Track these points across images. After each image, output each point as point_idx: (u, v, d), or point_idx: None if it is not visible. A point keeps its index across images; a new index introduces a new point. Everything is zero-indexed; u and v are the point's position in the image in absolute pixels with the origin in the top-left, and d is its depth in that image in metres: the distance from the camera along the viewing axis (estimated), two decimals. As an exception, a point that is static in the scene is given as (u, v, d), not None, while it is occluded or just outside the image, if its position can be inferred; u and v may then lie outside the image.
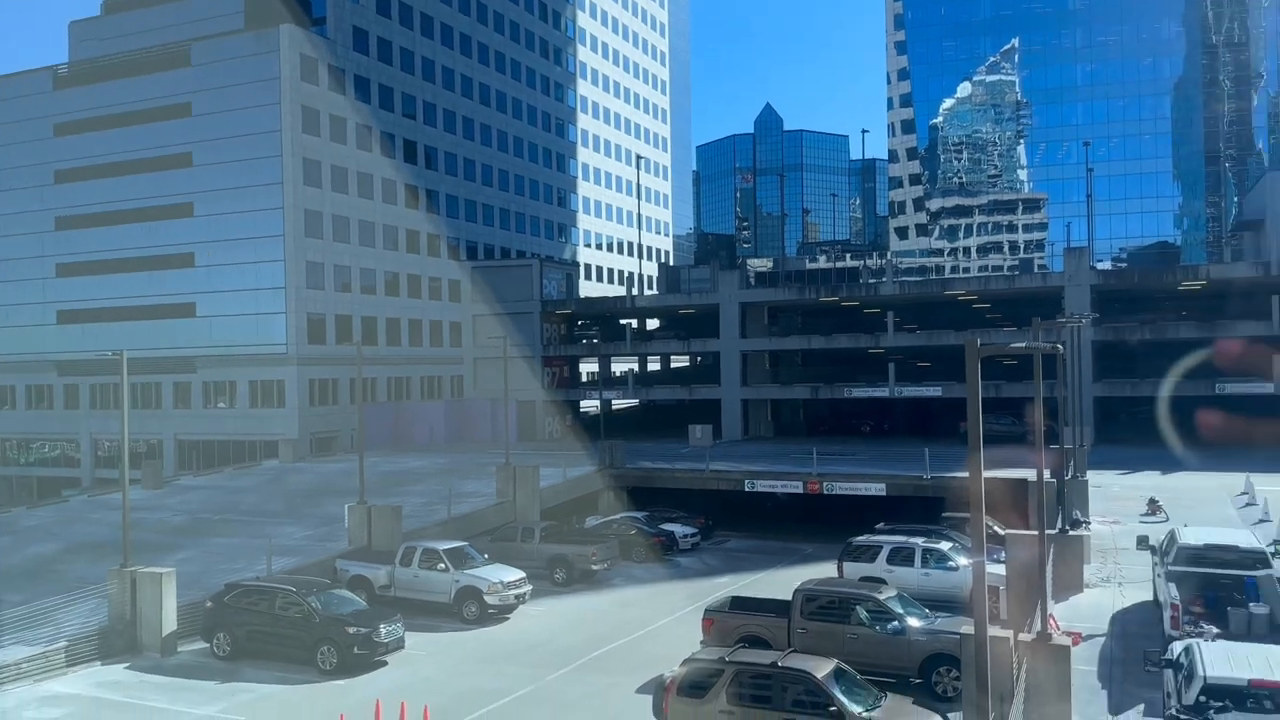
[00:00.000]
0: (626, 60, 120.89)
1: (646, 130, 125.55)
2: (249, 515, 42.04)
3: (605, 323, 79.50)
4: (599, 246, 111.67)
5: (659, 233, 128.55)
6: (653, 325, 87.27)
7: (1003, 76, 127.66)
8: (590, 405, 76.58)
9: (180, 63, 69.26)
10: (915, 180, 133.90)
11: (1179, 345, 55.59)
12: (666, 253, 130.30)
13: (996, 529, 32.23)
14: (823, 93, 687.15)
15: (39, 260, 74.73)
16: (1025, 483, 37.48)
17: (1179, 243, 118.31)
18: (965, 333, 53.48)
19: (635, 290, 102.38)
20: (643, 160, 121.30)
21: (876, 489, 42.66)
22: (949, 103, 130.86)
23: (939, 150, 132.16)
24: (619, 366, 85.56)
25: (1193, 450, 49.18)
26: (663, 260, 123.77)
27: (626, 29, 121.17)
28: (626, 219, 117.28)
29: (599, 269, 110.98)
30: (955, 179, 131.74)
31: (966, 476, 14.20)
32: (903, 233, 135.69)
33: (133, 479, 36.46)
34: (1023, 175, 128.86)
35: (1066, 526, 29.00)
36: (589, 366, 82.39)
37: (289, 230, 66.09)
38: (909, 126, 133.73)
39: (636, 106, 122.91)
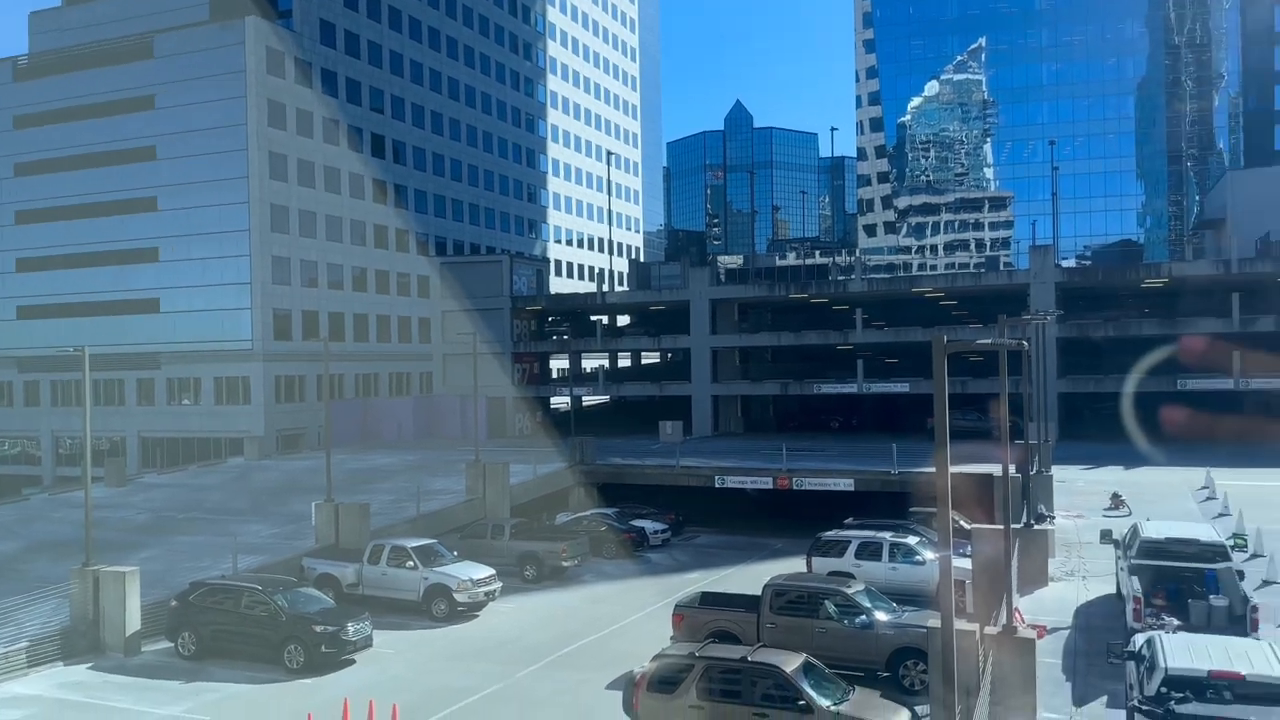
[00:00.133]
0: (597, 56, 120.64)
1: (617, 126, 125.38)
2: (214, 513, 41.58)
3: (576, 319, 79.40)
4: (569, 242, 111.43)
5: (630, 229, 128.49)
6: (623, 322, 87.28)
7: (970, 75, 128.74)
8: (561, 402, 76.43)
9: (143, 55, 68.27)
10: (883, 178, 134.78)
11: (1142, 342, 56.41)
12: (637, 249, 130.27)
13: (962, 524, 32.54)
14: (792, 90, 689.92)
15: (-2, 254, 73.57)
16: (991, 478, 37.80)
17: (1142, 241, 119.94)
18: (932, 329, 53.86)
19: (606, 287, 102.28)
20: (613, 156, 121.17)
21: (845, 484, 43.04)
22: (917, 101, 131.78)
23: (907, 148, 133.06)
24: (589, 363, 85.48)
25: (1155, 445, 49.93)
26: (633, 257, 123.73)
27: (596, 24, 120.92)
28: (597, 215, 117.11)
29: (569, 265, 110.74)
30: (923, 177, 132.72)
31: (933, 472, 14.31)
32: (871, 230, 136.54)
33: (95, 477, 35.95)
34: (989, 174, 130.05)
35: (1031, 521, 29.34)
36: (559, 363, 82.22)
37: (254, 225, 65.38)
38: (877, 124, 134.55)
39: (607, 102, 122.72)
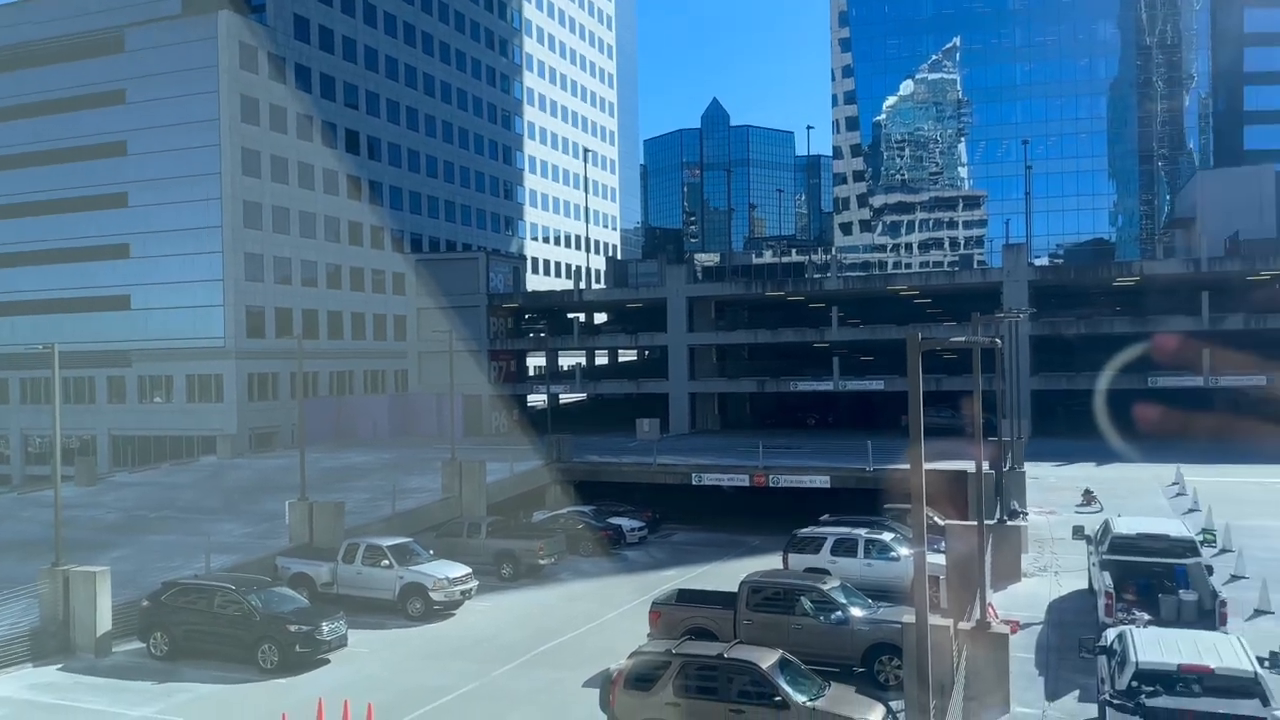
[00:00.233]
0: (573, 53, 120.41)
1: (594, 123, 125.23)
2: (186, 512, 41.16)
3: (552, 316, 79.19)
4: (546, 240, 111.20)
5: (606, 227, 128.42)
6: (600, 319, 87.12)
7: (944, 75, 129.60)
8: (537, 399, 76.25)
9: (114, 49, 67.48)
10: (859, 177, 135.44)
11: (1113, 340, 56.97)
12: (614, 247, 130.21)
13: (936, 520, 32.79)
14: (769, 88, 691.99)
15: (-35, 251, 72.44)
16: (964, 474, 37.93)
17: (1114, 240, 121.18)
18: (907, 327, 54.20)
19: (583, 284, 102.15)
20: (590, 154, 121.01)
21: (821, 481, 43.25)
22: (892, 100, 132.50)
23: (882, 147, 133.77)
24: (566, 360, 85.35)
25: (1126, 442, 50.39)
26: (610, 254, 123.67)
27: (573, 21, 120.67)
28: (574, 212, 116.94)
29: (546, 262, 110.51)
30: (898, 176, 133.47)
31: (908, 469, 14.41)
32: (846, 228, 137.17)
33: (65, 476, 35.50)
34: (963, 173, 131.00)
35: (1004, 517, 29.57)
36: (536, 360, 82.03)
37: (227, 221, 64.79)
38: (853, 123, 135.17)
39: (584, 99, 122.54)
